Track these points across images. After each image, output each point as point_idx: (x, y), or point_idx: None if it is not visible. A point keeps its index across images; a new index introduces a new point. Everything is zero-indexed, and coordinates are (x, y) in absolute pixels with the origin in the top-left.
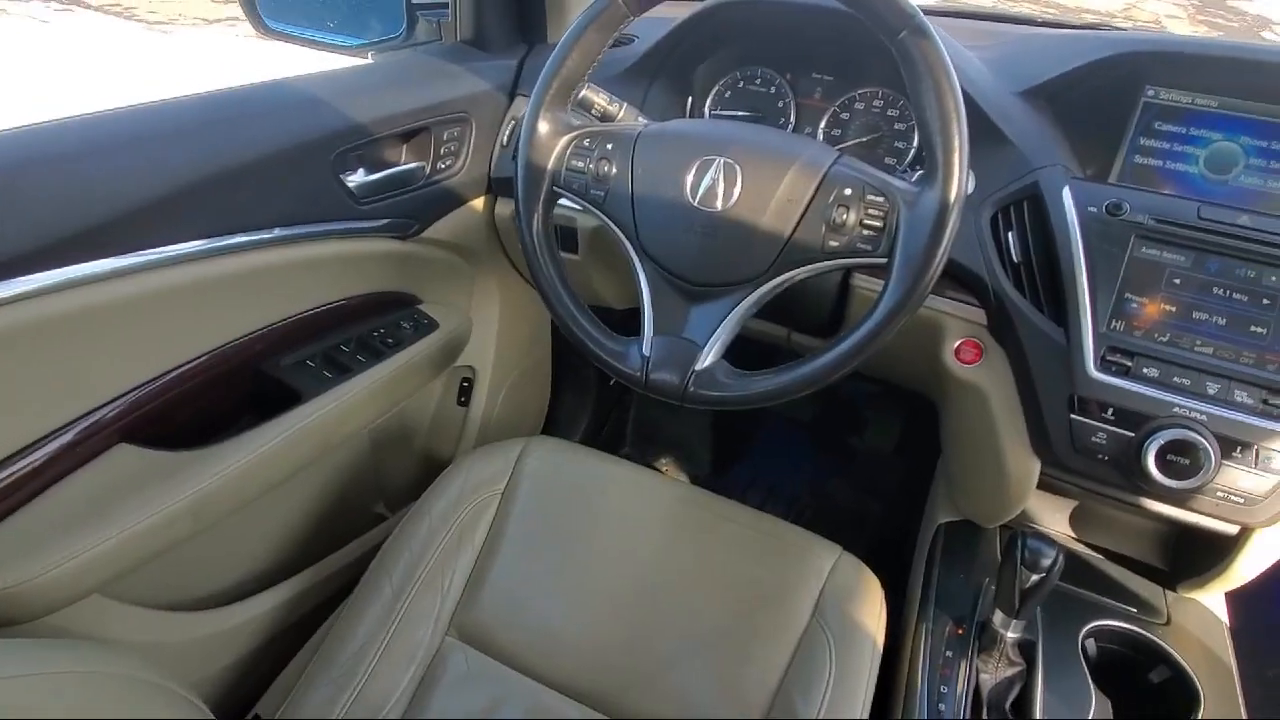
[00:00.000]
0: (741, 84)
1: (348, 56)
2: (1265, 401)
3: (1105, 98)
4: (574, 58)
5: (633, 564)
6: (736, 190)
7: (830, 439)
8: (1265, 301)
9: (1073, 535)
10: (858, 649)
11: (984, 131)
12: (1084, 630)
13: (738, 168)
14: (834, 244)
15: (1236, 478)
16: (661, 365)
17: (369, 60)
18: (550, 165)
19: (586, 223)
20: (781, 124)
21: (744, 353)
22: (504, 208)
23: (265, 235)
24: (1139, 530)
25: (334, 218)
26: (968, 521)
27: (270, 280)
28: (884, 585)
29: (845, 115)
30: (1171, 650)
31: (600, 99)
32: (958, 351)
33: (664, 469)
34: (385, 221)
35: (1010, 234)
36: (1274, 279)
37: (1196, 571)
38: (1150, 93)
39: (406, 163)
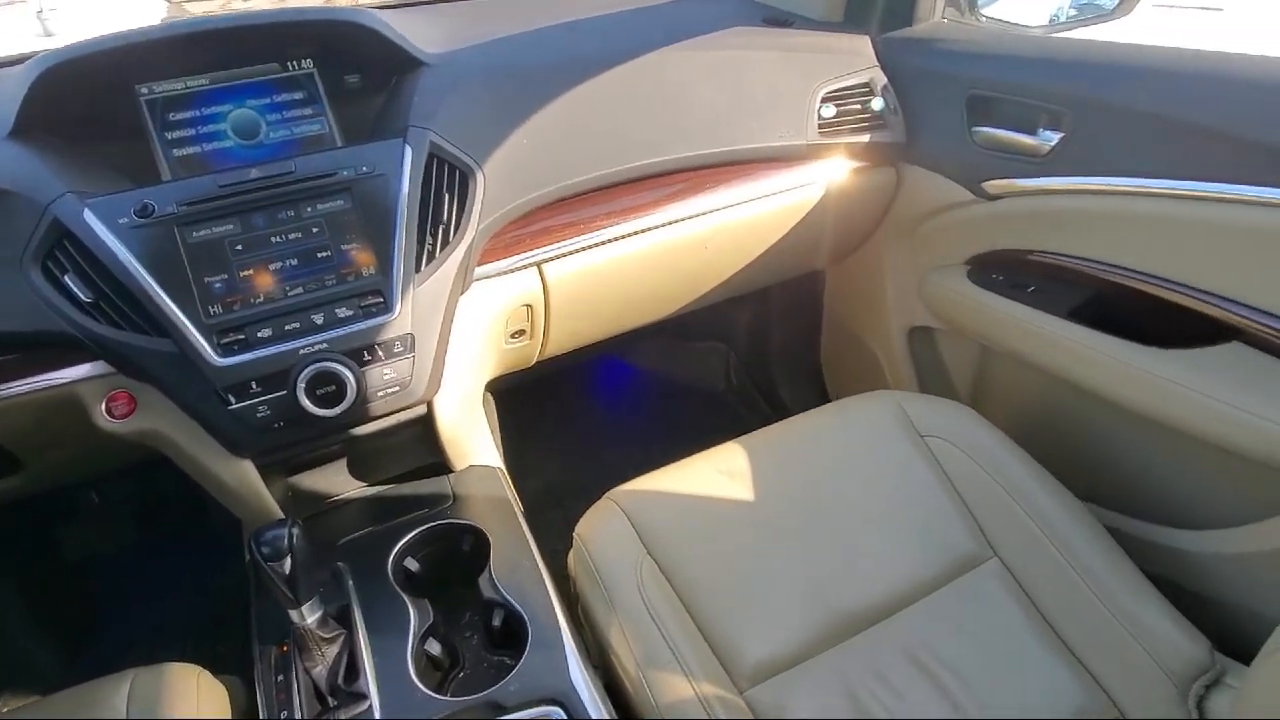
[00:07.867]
0: None
1: None
2: (361, 306)
3: (100, 109)
4: None
5: None
6: None
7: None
8: (315, 229)
9: (364, 484)
10: None
11: None
12: (390, 559)
13: None
14: None
15: (383, 374)
16: None
17: None
18: None
19: None
20: None
21: None
22: None
23: None
24: (400, 445)
25: None
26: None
27: None
28: None
29: None
30: (464, 519)
31: None
32: (110, 411)
33: None
34: None
35: (67, 278)
36: (309, 209)
37: (439, 454)
38: (143, 90)
39: None
